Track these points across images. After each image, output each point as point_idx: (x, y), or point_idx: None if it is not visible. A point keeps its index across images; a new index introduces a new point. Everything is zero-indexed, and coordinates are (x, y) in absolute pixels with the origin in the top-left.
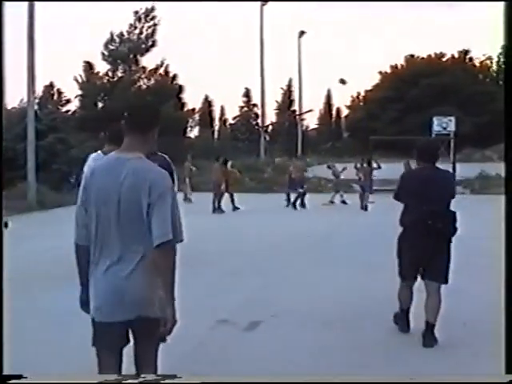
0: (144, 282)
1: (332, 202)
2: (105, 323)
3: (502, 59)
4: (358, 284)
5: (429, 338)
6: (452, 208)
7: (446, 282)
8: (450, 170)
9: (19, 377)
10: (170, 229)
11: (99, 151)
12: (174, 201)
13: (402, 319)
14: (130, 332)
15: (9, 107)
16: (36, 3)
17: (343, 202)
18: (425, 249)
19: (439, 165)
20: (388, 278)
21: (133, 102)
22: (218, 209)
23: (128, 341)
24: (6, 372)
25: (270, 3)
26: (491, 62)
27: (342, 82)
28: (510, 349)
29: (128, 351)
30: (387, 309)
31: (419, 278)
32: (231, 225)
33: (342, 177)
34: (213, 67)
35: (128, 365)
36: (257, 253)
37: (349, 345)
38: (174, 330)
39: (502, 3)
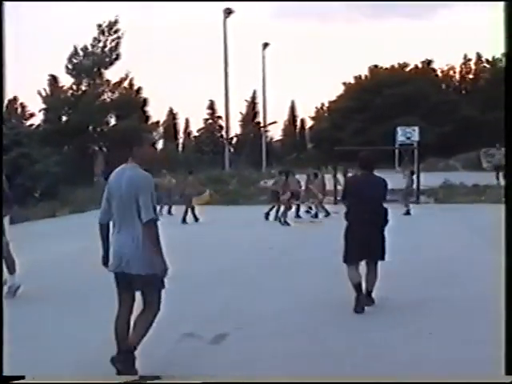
0: (130, 249)
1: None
2: (114, 272)
3: (464, 69)
4: (321, 292)
5: (368, 299)
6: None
7: (383, 258)
8: (415, 179)
9: (20, 377)
10: (151, 212)
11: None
12: (152, 194)
13: (357, 295)
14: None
15: None
16: None
17: (314, 214)
18: (364, 238)
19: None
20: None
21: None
22: (195, 219)
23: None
24: (6, 373)
25: (233, 15)
26: (454, 72)
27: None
28: (510, 349)
29: None
30: (351, 315)
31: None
32: (195, 238)
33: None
34: (177, 80)
35: None
36: (221, 266)
37: (315, 353)
38: (168, 274)
39: (457, 13)
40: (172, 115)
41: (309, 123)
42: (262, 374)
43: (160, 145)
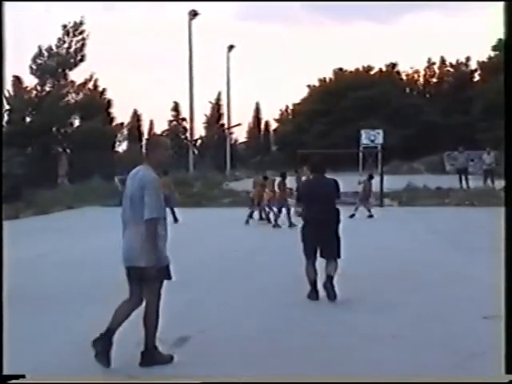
0: (135, 243)
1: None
2: (125, 267)
3: (428, 72)
4: (282, 295)
5: (331, 288)
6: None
7: (338, 256)
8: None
9: (19, 377)
10: (151, 211)
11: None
12: (158, 195)
13: (311, 289)
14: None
15: None
16: None
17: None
18: (318, 235)
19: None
20: None
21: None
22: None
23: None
24: (5, 372)
25: (198, 17)
26: (418, 76)
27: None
28: (510, 349)
29: None
30: (313, 317)
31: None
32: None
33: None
34: (142, 81)
35: None
36: (183, 268)
37: (275, 356)
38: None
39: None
40: (136, 117)
41: (273, 125)
42: (262, 374)
43: (124, 146)
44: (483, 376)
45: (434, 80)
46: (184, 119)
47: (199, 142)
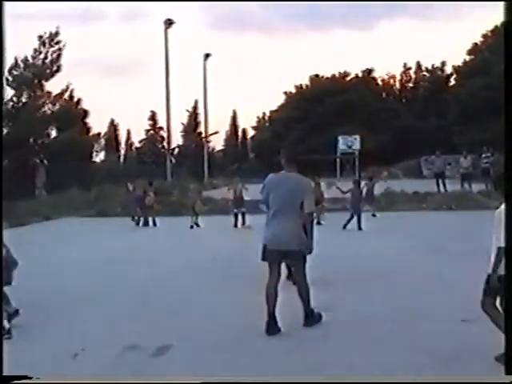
0: (292, 230)
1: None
2: (270, 249)
3: (404, 77)
4: (262, 306)
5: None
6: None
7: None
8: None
9: (20, 377)
10: (310, 207)
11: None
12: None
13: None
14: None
15: None
16: None
17: None
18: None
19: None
20: (292, 298)
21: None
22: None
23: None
24: (5, 372)
25: (174, 26)
26: (394, 81)
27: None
28: (510, 349)
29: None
30: (289, 327)
31: None
32: (139, 248)
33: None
34: (118, 91)
35: None
36: (161, 276)
37: (251, 366)
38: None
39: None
40: (113, 126)
41: (250, 133)
42: (261, 374)
43: (101, 156)
44: (483, 376)
45: (410, 85)
46: (161, 128)
47: (177, 150)
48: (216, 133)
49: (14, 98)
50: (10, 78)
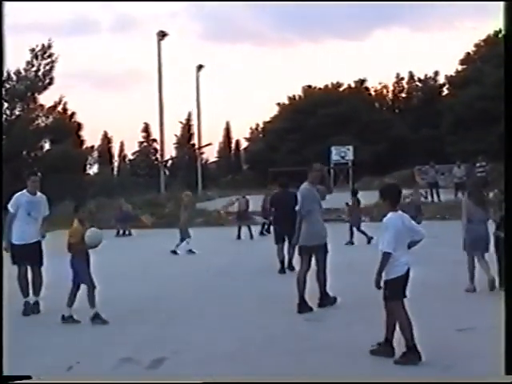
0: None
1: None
2: (311, 245)
3: (397, 87)
4: (256, 317)
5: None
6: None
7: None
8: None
9: (20, 377)
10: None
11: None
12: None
13: (281, 268)
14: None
15: None
16: None
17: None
18: (285, 229)
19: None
20: (286, 309)
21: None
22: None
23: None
24: (6, 373)
25: (167, 38)
26: (387, 91)
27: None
28: (510, 349)
29: None
30: (282, 338)
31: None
32: (132, 262)
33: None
34: (111, 103)
35: None
36: (156, 289)
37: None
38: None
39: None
40: (107, 139)
41: (244, 144)
42: (261, 374)
43: (95, 169)
44: (483, 376)
45: (403, 95)
46: (154, 140)
47: (170, 162)
48: (209, 144)
49: (7, 111)
50: (3, 91)
